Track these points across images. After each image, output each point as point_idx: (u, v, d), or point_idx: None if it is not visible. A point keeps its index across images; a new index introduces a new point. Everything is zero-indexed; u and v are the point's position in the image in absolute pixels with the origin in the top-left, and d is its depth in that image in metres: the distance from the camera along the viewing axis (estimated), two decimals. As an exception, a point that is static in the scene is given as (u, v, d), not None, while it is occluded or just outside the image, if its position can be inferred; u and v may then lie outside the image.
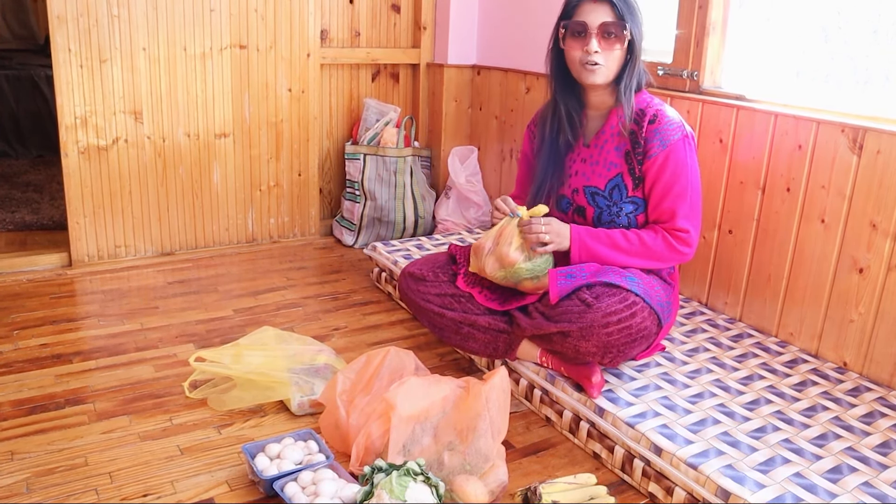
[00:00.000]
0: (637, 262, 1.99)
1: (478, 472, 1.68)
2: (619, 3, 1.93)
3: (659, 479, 1.68)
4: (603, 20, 1.94)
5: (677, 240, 1.98)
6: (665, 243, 1.98)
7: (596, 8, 1.95)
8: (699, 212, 2.01)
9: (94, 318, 2.59)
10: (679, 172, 1.97)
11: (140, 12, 2.93)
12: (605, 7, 1.94)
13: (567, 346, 1.89)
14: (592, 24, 1.94)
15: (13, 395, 2.07)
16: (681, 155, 1.97)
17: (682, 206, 1.97)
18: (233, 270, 3.11)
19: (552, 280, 1.93)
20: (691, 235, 1.98)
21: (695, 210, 1.99)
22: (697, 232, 2.00)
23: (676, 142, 1.96)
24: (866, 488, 1.55)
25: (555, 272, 1.95)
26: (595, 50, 1.95)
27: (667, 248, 1.98)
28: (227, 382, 2.09)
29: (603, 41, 1.95)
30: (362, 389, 1.89)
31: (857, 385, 2.01)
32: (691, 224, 1.98)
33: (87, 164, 2.98)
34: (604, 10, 1.94)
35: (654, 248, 1.98)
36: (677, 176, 1.97)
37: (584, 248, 1.99)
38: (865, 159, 2.00)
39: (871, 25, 2.17)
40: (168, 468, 1.77)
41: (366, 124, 3.50)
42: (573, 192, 2.10)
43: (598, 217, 2.06)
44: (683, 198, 1.97)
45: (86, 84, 2.90)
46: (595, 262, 1.99)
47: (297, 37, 3.29)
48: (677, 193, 1.97)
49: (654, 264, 2.00)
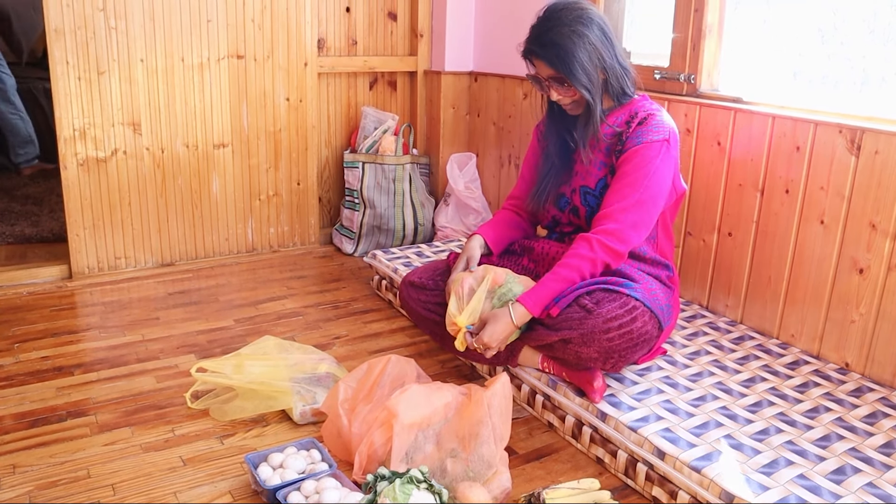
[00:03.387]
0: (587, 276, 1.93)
1: (481, 479, 1.68)
2: (548, 57, 1.92)
3: (662, 482, 1.67)
4: (546, 74, 1.96)
5: (611, 240, 1.91)
6: (602, 248, 1.91)
7: (538, 62, 1.98)
8: (647, 211, 1.94)
9: (94, 329, 2.59)
10: (640, 166, 1.94)
11: (137, 24, 2.94)
12: (541, 62, 1.96)
13: (569, 353, 1.89)
14: (542, 75, 1.98)
15: (15, 408, 2.06)
16: (651, 154, 1.94)
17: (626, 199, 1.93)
18: (233, 280, 3.11)
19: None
20: (625, 234, 1.92)
21: (639, 208, 1.93)
22: (636, 230, 1.93)
23: (653, 142, 1.95)
24: (870, 489, 1.55)
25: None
26: (556, 97, 1.99)
27: (605, 252, 1.91)
28: (228, 392, 2.09)
29: (557, 89, 1.97)
30: (364, 398, 1.89)
31: (860, 386, 2.01)
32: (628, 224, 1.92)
33: (86, 176, 2.98)
34: (542, 64, 1.96)
35: (594, 258, 1.91)
36: (636, 168, 1.94)
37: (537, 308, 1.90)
38: (863, 160, 2.00)
39: (868, 26, 2.17)
40: (170, 479, 1.76)
41: (364, 132, 3.50)
42: (572, 191, 2.12)
43: (588, 216, 2.07)
44: (631, 189, 1.93)
45: (84, 96, 2.91)
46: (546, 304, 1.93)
47: (294, 46, 3.30)
48: (627, 184, 1.94)
49: (601, 270, 1.94)
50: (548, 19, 1.94)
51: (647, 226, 1.96)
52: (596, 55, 1.92)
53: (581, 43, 1.90)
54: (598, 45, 1.92)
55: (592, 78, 1.93)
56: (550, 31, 1.91)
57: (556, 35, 1.90)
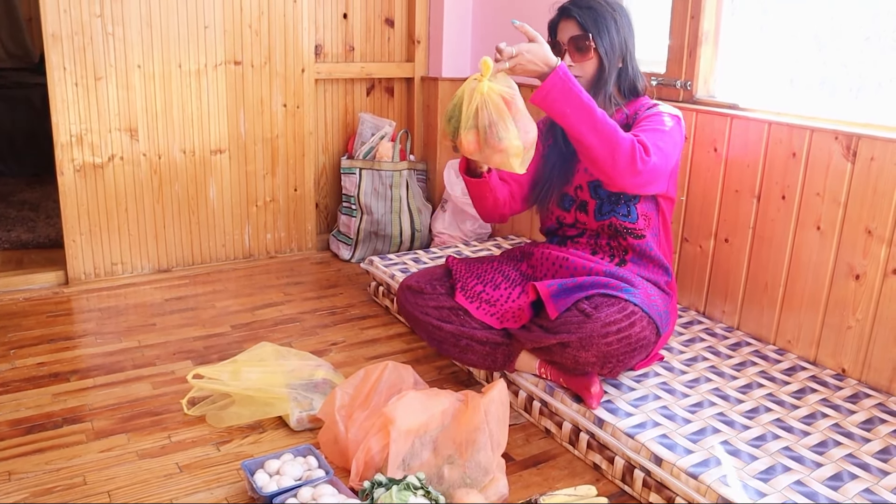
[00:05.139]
0: (596, 141, 1.83)
1: (478, 486, 1.68)
2: (581, 17, 1.98)
3: (660, 489, 1.67)
4: (570, 35, 2.02)
5: (639, 150, 1.85)
6: (631, 145, 1.83)
7: (565, 25, 2.04)
8: (663, 158, 1.90)
9: (91, 336, 2.59)
10: (656, 124, 1.97)
11: (134, 30, 2.94)
12: (571, 22, 2.02)
13: (566, 357, 1.88)
14: (563, 40, 2.03)
15: (10, 414, 2.06)
16: (664, 119, 1.99)
17: (652, 138, 1.91)
18: (230, 286, 3.11)
19: (545, 297, 1.93)
20: (651, 155, 1.86)
21: (661, 150, 1.89)
22: (655, 168, 1.88)
23: (664, 112, 2.02)
24: (867, 495, 1.55)
25: (544, 286, 1.95)
26: (569, 64, 2.02)
27: (630, 150, 1.83)
28: (225, 399, 2.08)
29: (575, 54, 2.02)
30: (361, 404, 1.89)
31: (856, 391, 2.01)
32: (656, 153, 1.87)
33: (82, 181, 2.98)
34: (571, 25, 2.02)
35: (622, 142, 1.82)
36: (652, 124, 1.97)
37: (561, 84, 1.81)
38: (859, 166, 2.01)
39: (864, 33, 2.18)
40: (167, 486, 1.76)
41: (361, 138, 3.51)
42: (576, 188, 2.13)
43: (599, 208, 2.08)
44: (652, 134, 1.92)
45: (81, 102, 2.91)
46: (557, 111, 1.84)
47: (291, 52, 3.30)
48: (645, 129, 1.95)
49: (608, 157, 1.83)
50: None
51: (659, 173, 1.91)
52: (623, 35, 2.02)
53: (615, 16, 2.00)
54: (626, 27, 2.03)
55: (614, 49, 2.01)
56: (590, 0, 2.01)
57: (594, 2, 2.01)
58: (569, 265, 2.07)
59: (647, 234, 2.07)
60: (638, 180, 1.87)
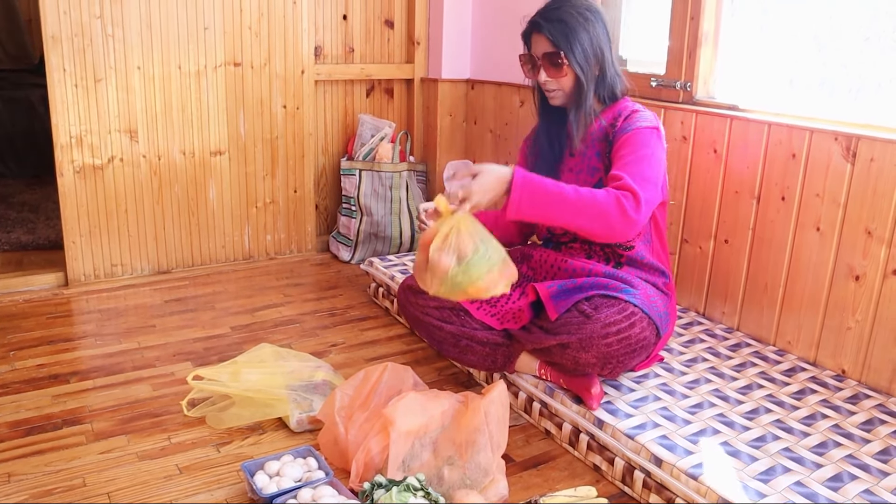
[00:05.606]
0: (583, 219, 1.82)
1: (478, 487, 1.68)
2: (552, 33, 1.93)
3: (660, 490, 1.67)
4: (543, 51, 1.97)
5: (627, 199, 1.81)
6: (616, 202, 1.80)
7: (537, 39, 1.99)
8: (651, 191, 1.87)
9: (90, 337, 2.59)
10: (638, 147, 1.92)
11: (134, 31, 2.94)
12: (542, 38, 1.97)
13: (566, 358, 1.88)
14: (537, 54, 2.00)
15: (10, 416, 2.06)
16: (644, 136, 1.94)
17: (634, 172, 1.86)
18: (230, 288, 3.10)
19: (545, 298, 1.93)
20: (640, 199, 1.81)
21: (647, 182, 1.86)
22: (647, 206, 1.84)
23: (643, 128, 1.95)
24: (867, 496, 1.55)
25: (544, 288, 1.94)
26: (544, 80, 2.00)
27: (618, 207, 1.80)
28: (225, 400, 2.08)
29: (550, 70, 1.98)
30: (361, 405, 1.88)
31: (856, 392, 2.01)
32: (644, 193, 1.83)
33: (82, 183, 2.98)
34: (542, 40, 1.97)
35: (606, 205, 1.80)
36: (634, 150, 1.92)
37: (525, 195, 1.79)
38: (859, 167, 2.01)
39: (864, 33, 2.18)
40: (167, 487, 1.76)
41: (361, 140, 3.51)
42: None
43: None
44: (636, 166, 1.88)
45: (81, 103, 2.91)
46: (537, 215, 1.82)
47: (291, 53, 3.30)
48: (630, 162, 1.89)
49: (600, 226, 1.82)
50: (557, 1, 1.98)
51: (652, 207, 1.89)
52: (597, 44, 1.96)
53: (586, 26, 1.94)
54: (600, 37, 1.97)
55: (589, 61, 1.96)
56: (559, 9, 1.96)
57: (564, 13, 1.94)
58: (568, 267, 2.07)
59: (638, 244, 2.04)
60: (638, 226, 1.84)
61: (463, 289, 1.69)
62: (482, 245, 1.68)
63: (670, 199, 2.14)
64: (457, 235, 1.67)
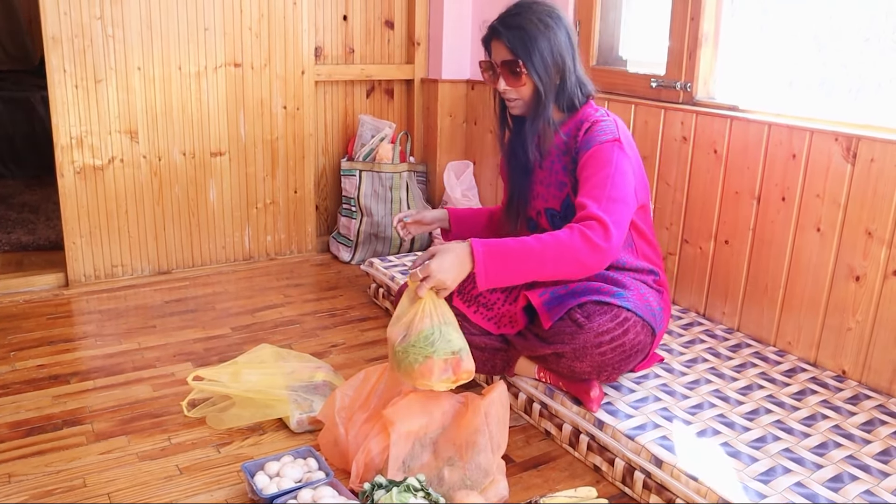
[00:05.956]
0: (554, 266, 1.76)
1: (478, 488, 1.68)
2: (511, 41, 1.86)
3: (660, 491, 1.67)
4: (502, 58, 1.90)
5: (593, 230, 1.75)
6: (581, 238, 1.75)
7: (496, 46, 1.92)
8: (621, 210, 1.81)
9: (91, 338, 2.59)
10: (600, 167, 1.84)
11: (135, 32, 2.94)
12: (501, 45, 1.89)
13: (562, 367, 1.88)
14: (496, 61, 1.92)
15: (10, 416, 2.06)
16: (605, 153, 1.86)
17: (599, 195, 1.80)
18: (230, 288, 3.11)
19: (538, 306, 1.88)
20: (608, 227, 1.76)
21: (614, 202, 1.80)
22: (617, 229, 1.78)
23: (604, 143, 1.87)
24: (868, 496, 1.55)
25: (536, 296, 1.90)
26: (503, 88, 1.94)
27: (584, 242, 1.74)
28: (225, 401, 2.08)
29: (509, 78, 1.91)
30: (361, 406, 1.88)
31: (857, 393, 2.01)
32: (608, 217, 1.77)
33: (83, 184, 2.98)
34: (501, 48, 1.90)
35: (571, 245, 1.74)
36: (597, 170, 1.85)
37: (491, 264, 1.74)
38: (859, 167, 2.01)
39: (864, 34, 2.18)
40: (167, 488, 1.76)
41: (361, 140, 3.51)
42: (537, 213, 2.09)
43: None
44: (601, 189, 1.81)
45: (81, 104, 2.91)
46: (509, 278, 1.78)
47: (291, 54, 3.30)
48: (594, 185, 1.83)
49: (573, 266, 1.78)
50: (518, 7, 1.92)
51: (624, 227, 1.84)
52: (558, 52, 1.89)
53: (547, 34, 1.87)
54: (561, 43, 1.89)
55: (549, 71, 1.89)
56: (519, 15, 1.89)
57: (524, 20, 1.87)
58: None
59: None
60: (611, 252, 1.78)
61: (403, 368, 1.69)
62: (436, 330, 1.66)
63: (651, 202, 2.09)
64: (413, 314, 1.67)
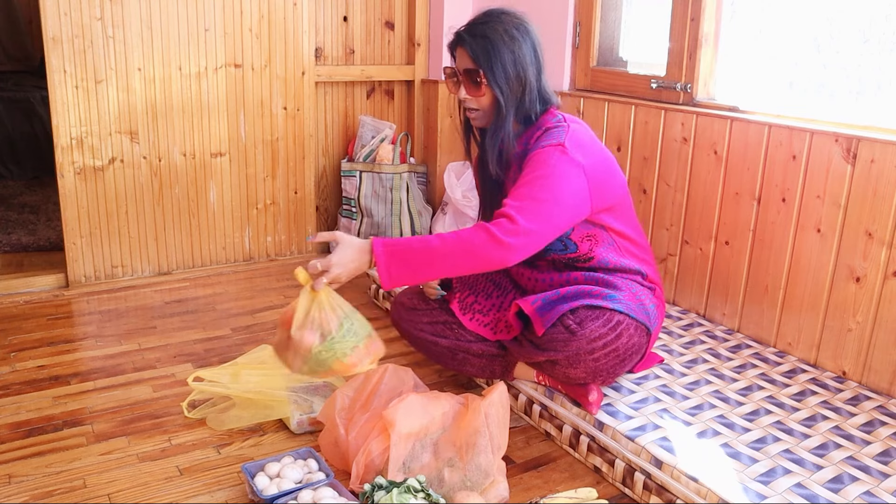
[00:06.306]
0: (459, 262, 1.71)
1: (478, 488, 1.68)
2: (474, 49, 1.83)
3: (660, 491, 1.67)
4: (464, 66, 1.87)
5: (498, 226, 1.70)
6: (483, 232, 1.70)
7: (461, 53, 1.88)
8: (542, 210, 1.75)
9: (91, 339, 2.59)
10: (533, 170, 1.80)
11: (135, 33, 2.94)
12: (465, 53, 1.86)
13: (557, 373, 1.88)
14: (459, 69, 1.88)
15: (11, 417, 2.06)
16: (543, 157, 1.81)
17: (522, 194, 1.77)
18: (230, 289, 3.10)
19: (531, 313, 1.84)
20: (516, 222, 1.71)
21: (535, 201, 1.75)
22: (532, 224, 1.73)
23: (545, 147, 1.83)
24: (868, 497, 1.55)
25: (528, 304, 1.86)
26: (464, 97, 1.90)
27: (487, 238, 1.69)
28: (225, 402, 2.08)
29: (469, 87, 1.87)
30: (361, 407, 1.88)
31: (857, 394, 2.01)
32: (521, 215, 1.72)
33: (83, 184, 2.98)
34: (464, 55, 1.86)
35: (472, 241, 1.69)
36: (529, 172, 1.81)
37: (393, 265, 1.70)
38: (859, 168, 2.01)
39: (863, 35, 2.18)
40: (167, 489, 1.76)
41: (361, 141, 3.51)
42: None
43: None
44: (526, 188, 1.77)
45: (81, 105, 2.91)
46: (413, 278, 1.74)
47: (291, 55, 3.30)
48: (520, 185, 1.79)
49: (476, 261, 1.72)
50: (486, 15, 1.88)
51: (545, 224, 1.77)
52: (521, 64, 1.85)
53: (511, 45, 1.83)
54: (525, 56, 1.85)
55: (510, 82, 1.84)
56: (485, 25, 1.85)
57: (489, 30, 1.83)
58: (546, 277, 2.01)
59: (597, 252, 1.94)
60: (518, 249, 1.72)
61: (328, 366, 1.65)
62: (346, 320, 1.65)
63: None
64: (319, 311, 1.63)
